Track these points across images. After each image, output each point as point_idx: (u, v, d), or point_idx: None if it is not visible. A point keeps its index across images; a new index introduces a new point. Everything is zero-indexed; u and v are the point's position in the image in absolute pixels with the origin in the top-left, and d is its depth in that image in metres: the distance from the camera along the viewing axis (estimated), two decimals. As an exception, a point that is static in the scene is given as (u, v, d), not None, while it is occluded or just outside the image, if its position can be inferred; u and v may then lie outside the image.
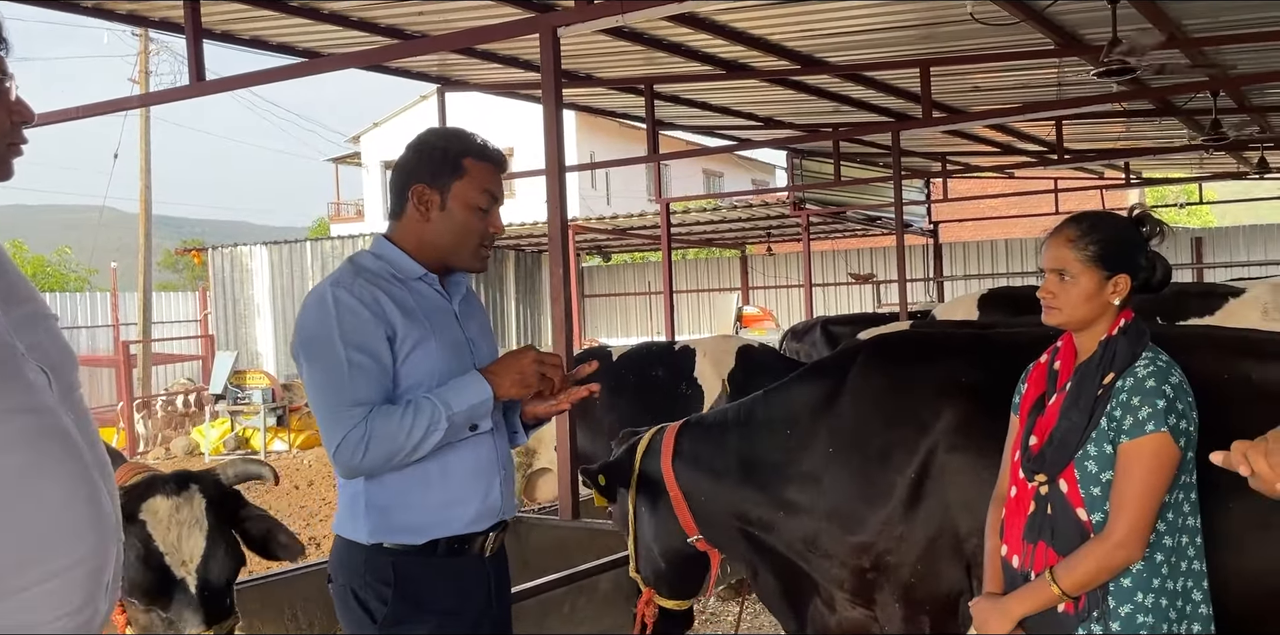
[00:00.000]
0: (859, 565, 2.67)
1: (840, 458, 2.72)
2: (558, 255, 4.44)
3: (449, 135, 2.17)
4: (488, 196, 2.13)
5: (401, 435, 1.98)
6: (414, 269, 2.13)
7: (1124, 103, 9.13)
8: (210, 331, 18.48)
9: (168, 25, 6.47)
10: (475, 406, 2.03)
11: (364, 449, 1.97)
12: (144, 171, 18.11)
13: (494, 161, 2.16)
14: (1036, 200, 16.36)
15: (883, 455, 2.64)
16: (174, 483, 2.13)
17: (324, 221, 35.32)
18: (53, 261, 30.24)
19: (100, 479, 1.41)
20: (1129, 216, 2.15)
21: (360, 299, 2.03)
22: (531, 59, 7.42)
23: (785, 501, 2.80)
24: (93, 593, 1.38)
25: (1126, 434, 1.92)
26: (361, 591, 2.07)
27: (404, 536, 2.07)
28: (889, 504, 2.61)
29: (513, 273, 19.07)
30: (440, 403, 2.00)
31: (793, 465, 2.81)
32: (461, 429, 2.03)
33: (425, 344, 2.06)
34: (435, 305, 2.15)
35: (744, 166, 30.82)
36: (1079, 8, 6.20)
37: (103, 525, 1.39)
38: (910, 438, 2.61)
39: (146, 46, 18.59)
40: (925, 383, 2.70)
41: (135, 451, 13.46)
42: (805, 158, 13.70)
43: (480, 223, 2.13)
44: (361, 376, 2.00)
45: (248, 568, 2.33)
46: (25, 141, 1.43)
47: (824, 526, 2.72)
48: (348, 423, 1.98)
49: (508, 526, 2.25)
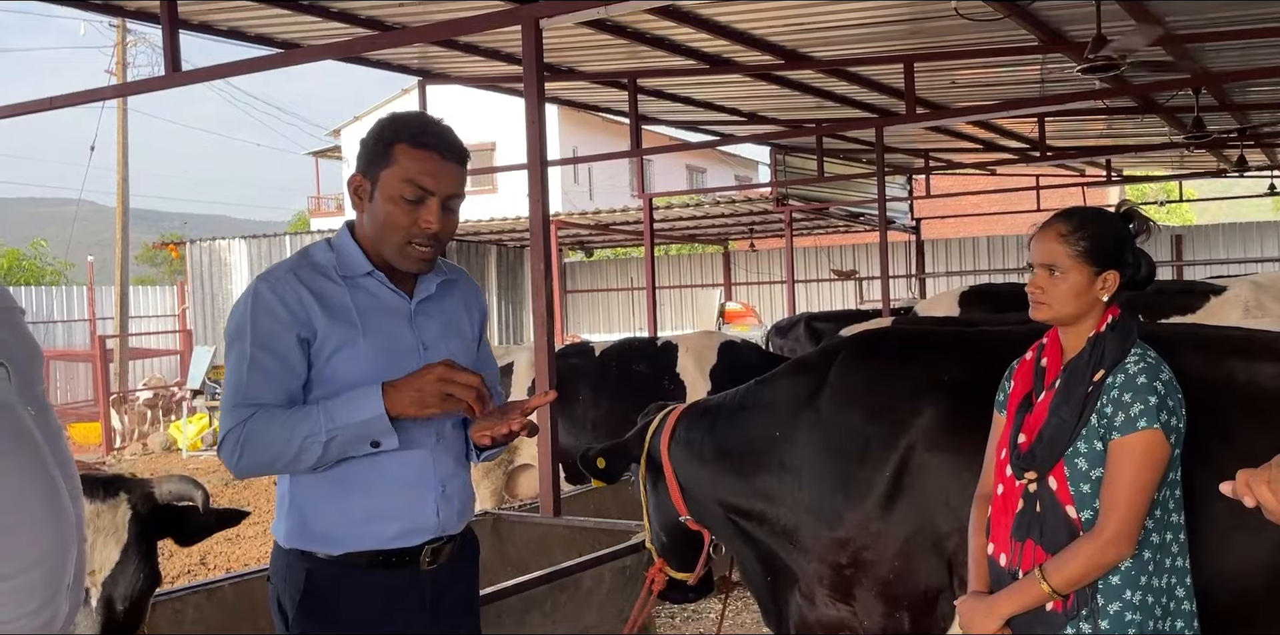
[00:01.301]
0: (836, 561, 2.68)
1: (819, 453, 2.73)
2: (539, 251, 4.39)
3: (390, 120, 2.00)
4: (413, 187, 1.92)
5: (279, 443, 1.87)
6: (360, 265, 2.01)
7: (1106, 100, 9.15)
8: (188, 326, 18.32)
9: (144, 15, 6.36)
10: (366, 423, 1.86)
11: (239, 451, 1.90)
12: (121, 164, 17.93)
13: (434, 149, 1.94)
14: (1018, 197, 16.43)
15: (861, 451, 2.64)
16: (103, 487, 2.00)
17: (304, 215, 35.12)
18: (28, 255, 29.88)
19: (60, 477, 1.36)
20: (1117, 212, 2.14)
21: (281, 297, 1.93)
22: (513, 52, 7.36)
23: (766, 493, 2.83)
24: (53, 594, 1.34)
25: (1118, 430, 1.90)
26: (282, 596, 2.01)
27: (319, 545, 1.98)
28: (866, 500, 2.61)
29: (494, 268, 19.00)
30: (324, 415, 1.87)
31: (774, 457, 2.82)
32: (357, 444, 1.89)
33: (351, 347, 1.94)
34: (383, 304, 2.02)
35: (727, 162, 30.83)
36: (1063, 4, 6.19)
37: (61, 524, 1.35)
38: (889, 434, 2.61)
39: (124, 38, 18.40)
40: (905, 379, 2.70)
41: (112, 447, 13.33)
42: (788, 153, 13.69)
43: (405, 216, 1.94)
44: (259, 376, 1.91)
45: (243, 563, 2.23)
46: None
47: (803, 520, 2.74)
48: (232, 421, 1.92)
49: (466, 538, 2.14)
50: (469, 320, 2.18)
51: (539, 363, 4.37)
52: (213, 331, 17.63)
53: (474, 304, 2.21)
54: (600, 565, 3.50)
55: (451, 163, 1.97)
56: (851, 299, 17.90)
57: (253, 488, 9.44)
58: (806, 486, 2.74)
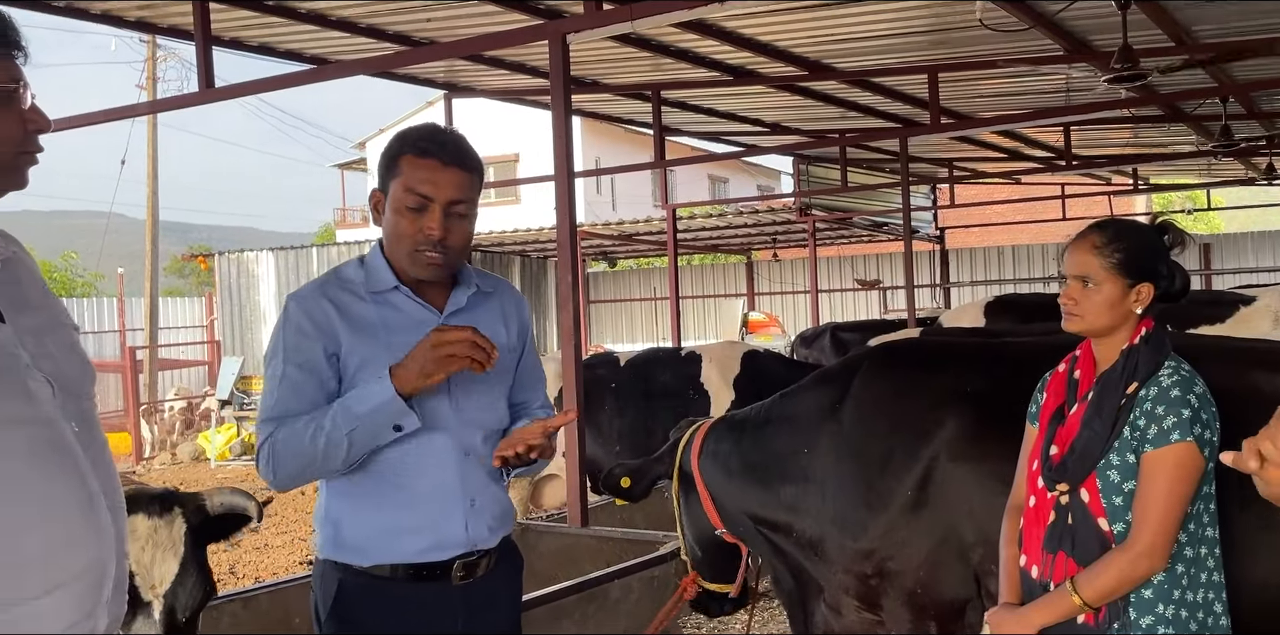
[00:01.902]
0: (862, 571, 2.69)
1: (842, 463, 2.75)
2: (567, 262, 4.42)
3: (399, 134, 2.03)
4: (413, 195, 1.95)
5: (305, 448, 1.90)
6: (386, 280, 2.03)
7: (1132, 109, 9.10)
8: (216, 337, 18.49)
9: (177, 32, 6.47)
10: (379, 407, 1.88)
11: (274, 462, 1.93)
12: (151, 177, 18.17)
13: (436, 157, 1.96)
14: (1044, 206, 16.35)
15: (884, 461, 2.66)
16: (158, 503, 2.06)
17: (330, 227, 35.38)
18: (60, 267, 30.25)
19: (101, 492, 1.39)
20: (1151, 224, 2.14)
21: (308, 313, 1.98)
22: (539, 65, 7.42)
23: (790, 504, 2.85)
24: (92, 606, 1.37)
25: (1151, 443, 1.90)
26: (318, 604, 2.05)
27: (350, 556, 2.01)
28: (890, 510, 2.62)
29: (518, 278, 19.07)
30: (341, 410, 1.90)
31: (798, 469, 2.84)
32: (380, 431, 1.91)
33: (375, 362, 1.95)
34: (409, 319, 2.03)
35: (749, 172, 30.82)
36: (1089, 13, 6.18)
37: (101, 538, 1.38)
38: (912, 444, 2.62)
39: (154, 53, 18.67)
40: (929, 390, 2.71)
41: (141, 457, 13.47)
42: (812, 163, 13.68)
43: (410, 225, 1.96)
44: (289, 392, 1.96)
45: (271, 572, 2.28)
46: (40, 150, 1.42)
47: (827, 531, 2.76)
48: (262, 436, 1.96)
49: (504, 552, 2.14)
50: (505, 332, 2.16)
51: (566, 376, 4.39)
52: (240, 342, 17.79)
53: (513, 316, 2.20)
54: (628, 576, 3.51)
55: (453, 169, 1.97)
56: (875, 309, 17.83)
57: (280, 497, 9.52)
58: (830, 497, 2.76)
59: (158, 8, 6.00)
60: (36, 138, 1.41)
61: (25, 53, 1.39)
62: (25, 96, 1.38)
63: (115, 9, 6.04)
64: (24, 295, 1.43)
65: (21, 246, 1.51)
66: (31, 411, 1.33)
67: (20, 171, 1.40)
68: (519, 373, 2.20)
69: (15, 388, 1.33)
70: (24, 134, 1.38)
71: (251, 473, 11.85)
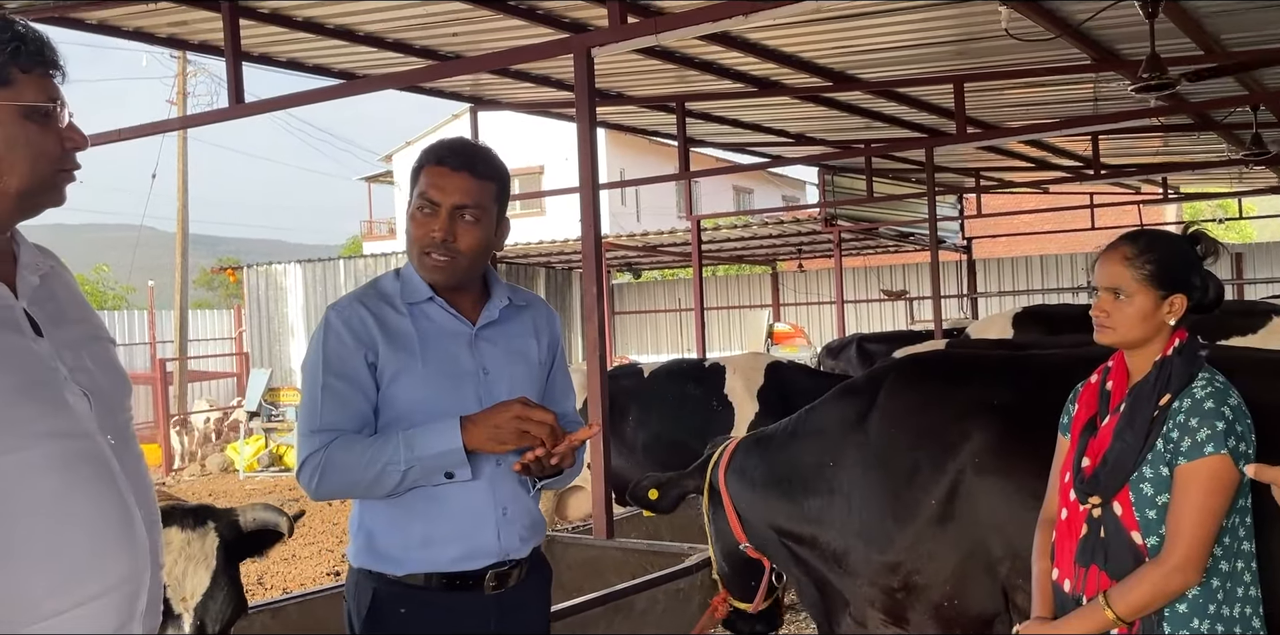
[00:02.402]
0: (888, 585, 2.68)
1: (868, 475, 2.74)
2: (592, 273, 4.43)
3: (424, 148, 2.08)
4: (422, 201, 2.01)
5: (357, 469, 1.93)
6: (421, 291, 2.06)
7: (1162, 117, 9.02)
8: (245, 349, 18.66)
9: (207, 48, 6.57)
10: (442, 455, 1.92)
11: (319, 476, 1.95)
12: (181, 191, 18.40)
13: (444, 163, 2.01)
14: (1072, 216, 16.19)
15: (911, 474, 2.64)
16: (192, 517, 2.09)
17: (357, 240, 35.66)
18: (91, 280, 30.69)
19: (136, 505, 1.41)
20: (1184, 234, 2.11)
21: (347, 323, 2.00)
22: (564, 78, 7.46)
23: (815, 517, 2.85)
24: (126, 620, 1.38)
25: (1184, 456, 1.88)
26: (351, 613, 2.06)
27: (383, 565, 2.02)
28: (916, 523, 2.61)
29: (543, 289, 19.13)
30: (405, 445, 1.92)
31: (823, 481, 2.84)
32: (432, 475, 1.95)
33: (409, 373, 1.99)
34: (443, 330, 2.06)
35: (774, 182, 30.80)
36: (1116, 23, 6.14)
37: (136, 551, 1.39)
38: (938, 457, 2.61)
39: (184, 68, 18.93)
40: (955, 403, 2.70)
41: (171, 468, 13.59)
42: (837, 174, 13.66)
43: (418, 229, 2.02)
44: (334, 402, 1.97)
45: (299, 583, 2.30)
46: (78, 167, 1.45)
47: (852, 544, 2.75)
48: (310, 447, 1.97)
49: (534, 563, 2.15)
50: (536, 346, 2.18)
51: (591, 388, 4.40)
52: (269, 354, 17.94)
53: (544, 330, 2.21)
54: (654, 588, 3.51)
55: (461, 174, 2.00)
56: (902, 319, 17.73)
57: (308, 508, 9.56)
58: (856, 510, 2.75)
59: (188, 24, 6.10)
60: (74, 155, 1.43)
61: (63, 72, 1.42)
62: (63, 115, 1.40)
63: (147, 26, 6.13)
64: (62, 309, 1.46)
65: (59, 260, 1.54)
66: (69, 425, 1.35)
67: (59, 189, 1.43)
68: (549, 386, 2.22)
69: (54, 401, 1.34)
70: (62, 152, 1.41)
71: (279, 484, 11.93)
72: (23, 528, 1.28)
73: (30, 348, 1.35)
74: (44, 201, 1.42)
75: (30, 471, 1.29)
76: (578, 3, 5.75)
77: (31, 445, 1.30)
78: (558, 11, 6.00)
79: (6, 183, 1.36)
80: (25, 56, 1.36)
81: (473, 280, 2.11)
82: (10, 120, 1.35)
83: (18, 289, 1.40)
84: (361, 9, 5.90)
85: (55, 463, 1.32)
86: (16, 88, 1.35)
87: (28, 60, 1.36)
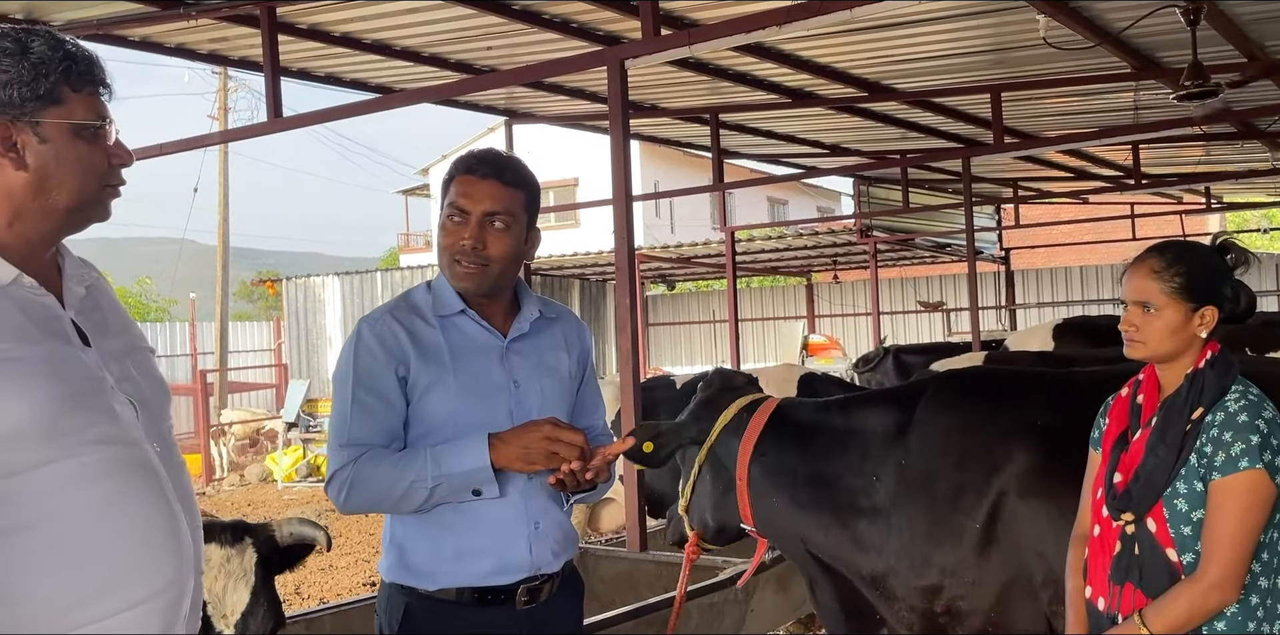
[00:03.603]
0: (929, 609, 2.62)
1: (912, 497, 2.67)
2: (626, 285, 4.43)
3: (454, 160, 2.11)
4: (452, 209, 2.02)
5: (386, 485, 1.93)
6: (453, 304, 2.06)
7: (1204, 126, 8.89)
8: (284, 360, 18.88)
9: (247, 64, 6.67)
10: (470, 473, 1.92)
11: (346, 490, 1.95)
12: (222, 205, 18.70)
13: (473, 172, 2.03)
14: (1112, 226, 15.96)
15: (954, 498, 2.58)
16: (230, 532, 2.11)
17: (394, 252, 35.99)
18: (134, 292, 31.23)
19: (181, 511, 1.44)
20: (1212, 244, 2.08)
21: (379, 337, 2.00)
22: (598, 91, 7.49)
23: (856, 537, 2.75)
24: (170, 624, 1.40)
25: (1219, 471, 1.84)
26: (383, 627, 2.06)
27: (416, 580, 2.02)
28: (960, 548, 2.56)
29: (578, 302, 19.19)
30: (432, 461, 1.92)
31: (865, 499, 2.75)
32: (460, 492, 1.95)
33: (441, 386, 1.99)
34: (474, 343, 2.05)
35: (809, 193, 30.69)
36: (1157, 30, 6.06)
37: (181, 556, 1.42)
38: (981, 481, 2.56)
39: (225, 84, 19.26)
40: (997, 423, 2.65)
41: (211, 477, 13.76)
42: (872, 184, 13.58)
43: (447, 238, 2.03)
44: (363, 416, 1.97)
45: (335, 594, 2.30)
46: (123, 183, 1.49)
47: (893, 567, 2.68)
48: (339, 461, 1.97)
49: (566, 577, 2.15)
50: (567, 358, 2.18)
51: (625, 400, 4.39)
52: (307, 366, 18.14)
53: (574, 343, 2.21)
54: (688, 601, 3.48)
55: (490, 181, 2.01)
56: (938, 331, 17.57)
57: (344, 518, 9.64)
58: (895, 530, 2.68)
59: (229, 41, 6.20)
60: (119, 171, 1.47)
61: (111, 90, 1.46)
62: (110, 132, 1.44)
63: (189, 43, 6.24)
64: (106, 320, 1.49)
65: (99, 273, 1.57)
66: (119, 432, 1.38)
67: (104, 204, 1.47)
68: (579, 400, 2.21)
69: (102, 409, 1.38)
70: (109, 168, 1.45)
71: (317, 494, 12.03)
72: (73, 533, 1.31)
73: (79, 357, 1.39)
74: (91, 216, 1.46)
75: (81, 478, 1.33)
76: (612, 15, 5.77)
77: (82, 453, 1.33)
78: (592, 24, 6.03)
79: (56, 199, 1.40)
80: (76, 75, 1.40)
81: (503, 291, 2.11)
82: (61, 138, 1.39)
83: (65, 300, 1.43)
84: (398, 24, 5.97)
85: (105, 469, 1.35)
86: (68, 106, 1.39)
87: (78, 79, 1.40)
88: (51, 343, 1.36)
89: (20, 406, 1.28)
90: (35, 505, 1.29)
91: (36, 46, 1.37)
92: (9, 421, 1.28)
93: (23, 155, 1.37)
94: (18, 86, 1.36)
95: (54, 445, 1.31)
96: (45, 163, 1.38)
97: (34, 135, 1.37)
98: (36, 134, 1.37)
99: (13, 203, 1.38)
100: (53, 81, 1.37)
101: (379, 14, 5.77)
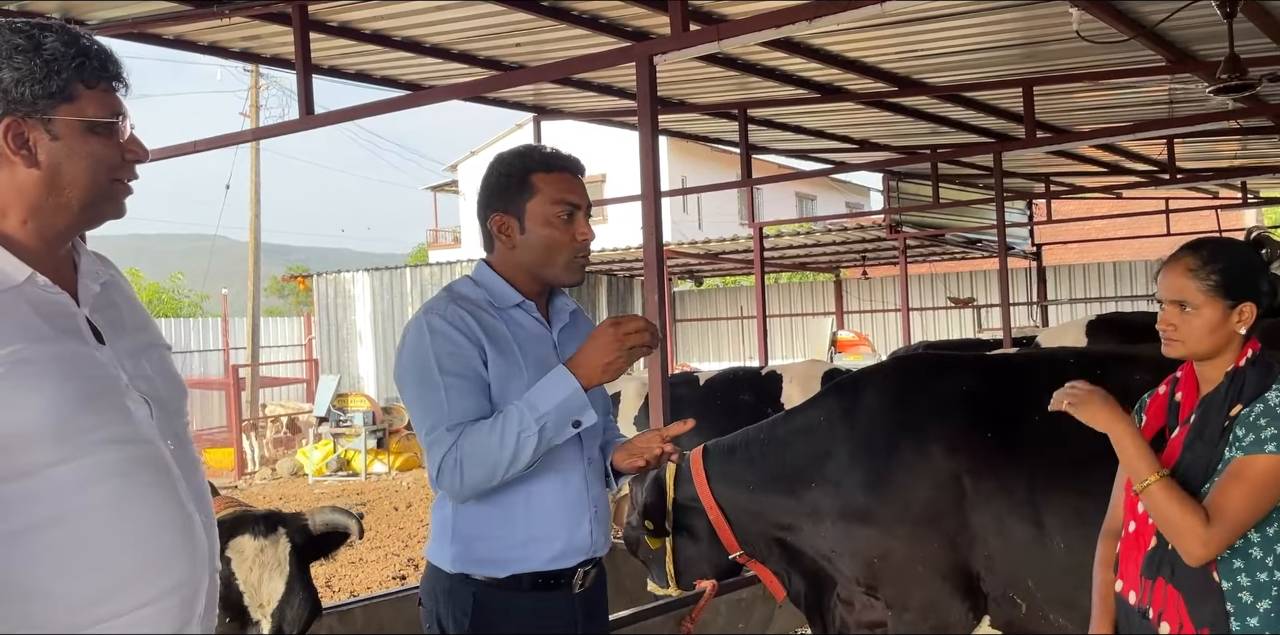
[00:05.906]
0: (869, 555, 2.93)
1: (854, 461, 3.01)
2: (653, 281, 4.43)
3: (514, 156, 2.10)
4: (564, 207, 2.05)
5: (494, 448, 1.91)
6: (510, 296, 2.08)
7: (1240, 120, 8.75)
8: (314, 355, 19.04)
9: (278, 61, 6.73)
10: (565, 401, 1.92)
11: (460, 471, 1.93)
12: (254, 202, 18.86)
13: (566, 169, 2.08)
14: (1146, 221, 15.80)
15: (889, 455, 2.95)
16: (263, 523, 2.12)
17: (423, 248, 36.20)
18: (167, 288, 31.62)
19: (195, 510, 1.43)
20: (1247, 239, 2.06)
21: (454, 324, 2.00)
22: (626, 87, 7.49)
23: (810, 506, 3.06)
24: (184, 622, 1.40)
25: (1243, 449, 1.83)
26: (444, 619, 2.06)
27: (486, 568, 2.03)
28: (891, 493, 2.91)
29: (605, 297, 19.20)
30: (527, 406, 1.92)
31: (817, 473, 3.06)
32: (562, 428, 1.94)
33: (515, 379, 2.00)
34: (532, 334, 2.09)
35: (837, 189, 30.54)
36: (1192, 23, 5.98)
37: (195, 555, 1.42)
38: (917, 439, 2.93)
39: (257, 82, 19.42)
40: (932, 393, 3.05)
41: (243, 471, 13.91)
42: (902, 180, 13.50)
43: (564, 235, 2.06)
44: (460, 400, 1.96)
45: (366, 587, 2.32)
46: (135, 178, 1.47)
47: (839, 523, 2.98)
48: (442, 447, 1.95)
49: (601, 563, 2.18)
50: None
51: (653, 395, 4.40)
52: (337, 361, 18.29)
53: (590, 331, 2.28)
54: (715, 598, 3.48)
55: (581, 178, 2.12)
56: (969, 327, 17.44)
57: (375, 512, 9.71)
58: (844, 493, 3.00)
59: (260, 39, 6.26)
60: (133, 167, 1.46)
61: (126, 84, 1.45)
62: (125, 128, 1.43)
63: (221, 40, 6.31)
64: (121, 317, 1.49)
65: (117, 269, 1.57)
66: (131, 430, 1.38)
67: (116, 200, 1.45)
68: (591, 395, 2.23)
69: (116, 407, 1.37)
70: (121, 163, 1.43)
71: (347, 488, 12.14)
72: (85, 532, 1.32)
73: (93, 355, 1.38)
74: (105, 212, 1.45)
75: (94, 477, 1.33)
76: (640, 11, 5.77)
77: (95, 452, 1.33)
78: (620, 20, 6.03)
79: (69, 196, 1.39)
80: (90, 71, 1.39)
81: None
82: (74, 134, 1.38)
83: (79, 297, 1.43)
84: (427, 21, 6.00)
85: (117, 468, 1.35)
86: (80, 102, 1.38)
87: (92, 75, 1.39)
88: (65, 341, 1.36)
89: (33, 407, 1.28)
90: (50, 504, 1.29)
91: (49, 42, 1.36)
92: (22, 422, 1.28)
93: (35, 153, 1.36)
94: (30, 83, 1.34)
95: (66, 444, 1.30)
96: (57, 160, 1.37)
97: (46, 132, 1.36)
98: (48, 131, 1.37)
99: (26, 200, 1.37)
100: (65, 78, 1.36)
101: (409, 11, 5.81)
